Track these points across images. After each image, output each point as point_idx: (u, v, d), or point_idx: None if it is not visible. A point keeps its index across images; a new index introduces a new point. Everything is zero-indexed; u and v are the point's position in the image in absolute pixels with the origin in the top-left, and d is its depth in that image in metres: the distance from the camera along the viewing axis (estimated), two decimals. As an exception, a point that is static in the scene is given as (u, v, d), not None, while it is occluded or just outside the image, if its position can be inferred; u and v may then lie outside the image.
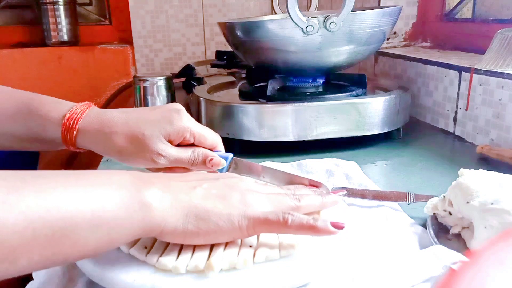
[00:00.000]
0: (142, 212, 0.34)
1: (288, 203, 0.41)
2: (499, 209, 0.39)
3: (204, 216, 0.37)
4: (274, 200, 0.41)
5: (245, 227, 0.37)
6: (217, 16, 1.58)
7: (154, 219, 0.35)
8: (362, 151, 0.73)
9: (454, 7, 1.03)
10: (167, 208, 0.36)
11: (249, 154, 0.71)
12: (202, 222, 0.37)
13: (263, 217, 0.37)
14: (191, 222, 0.36)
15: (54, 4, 1.51)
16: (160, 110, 0.51)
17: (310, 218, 0.37)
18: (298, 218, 0.37)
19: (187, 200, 0.37)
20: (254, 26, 0.74)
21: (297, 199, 0.42)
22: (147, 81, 0.78)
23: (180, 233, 0.36)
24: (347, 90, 0.77)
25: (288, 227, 0.37)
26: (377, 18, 0.72)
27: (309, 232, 0.37)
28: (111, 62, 1.58)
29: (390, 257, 0.41)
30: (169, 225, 0.36)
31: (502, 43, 0.70)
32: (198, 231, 0.37)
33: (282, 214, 0.37)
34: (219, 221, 0.37)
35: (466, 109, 0.76)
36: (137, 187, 0.35)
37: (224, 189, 0.40)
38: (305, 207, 0.42)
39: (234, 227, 0.37)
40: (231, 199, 0.38)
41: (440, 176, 0.62)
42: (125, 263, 0.38)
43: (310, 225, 0.37)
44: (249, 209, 0.38)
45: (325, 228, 0.37)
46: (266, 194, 0.41)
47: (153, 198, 0.35)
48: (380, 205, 0.52)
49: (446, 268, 0.37)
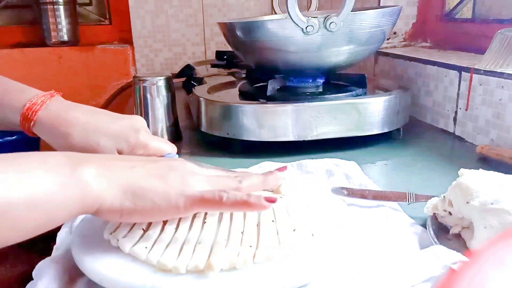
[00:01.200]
0: (79, 190, 0.35)
1: (229, 184, 0.42)
2: (499, 209, 0.39)
3: (141, 193, 0.37)
4: (215, 181, 0.41)
5: (182, 205, 0.38)
6: (217, 16, 1.58)
7: (91, 197, 0.36)
8: (362, 151, 0.73)
9: (454, 7, 1.03)
10: (103, 185, 0.36)
11: (249, 154, 0.71)
12: (139, 200, 0.37)
13: (199, 195, 0.38)
14: (128, 199, 0.37)
15: (54, 4, 1.51)
16: (121, 124, 0.53)
17: (244, 195, 0.38)
18: (233, 195, 0.38)
19: (124, 178, 0.37)
20: (254, 26, 0.74)
21: (239, 180, 0.42)
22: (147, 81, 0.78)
23: (116, 210, 0.37)
24: (347, 90, 0.77)
25: (223, 204, 0.38)
26: (377, 18, 0.72)
27: (243, 208, 0.39)
28: (111, 62, 1.58)
29: (390, 257, 0.41)
30: (106, 202, 0.36)
31: (502, 43, 0.70)
32: (135, 208, 0.37)
33: (217, 192, 0.38)
34: (155, 199, 0.37)
35: (466, 109, 0.76)
36: (73, 166, 0.36)
37: (164, 169, 0.40)
38: (246, 187, 0.42)
39: (171, 204, 0.38)
40: (170, 179, 0.39)
41: (440, 176, 0.62)
42: (125, 263, 0.38)
43: (244, 200, 0.38)
44: (186, 188, 0.38)
45: (258, 203, 0.38)
46: (207, 176, 0.41)
47: (89, 176, 0.36)
48: (380, 205, 0.52)
49: (446, 268, 0.37)
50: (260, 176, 0.45)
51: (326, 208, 0.47)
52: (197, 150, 0.78)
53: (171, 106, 0.80)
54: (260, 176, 0.45)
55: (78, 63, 1.56)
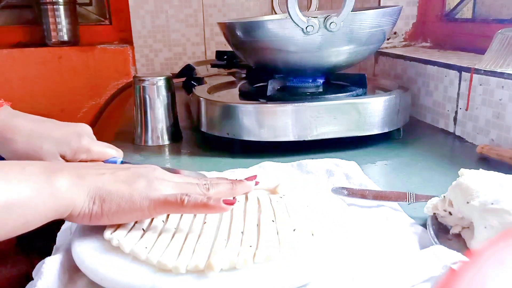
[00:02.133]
0: (53, 196, 0.38)
1: (196, 190, 0.43)
2: (499, 209, 0.39)
3: (107, 197, 0.40)
4: (181, 187, 0.43)
5: (146, 207, 0.40)
6: (217, 16, 1.58)
7: (64, 202, 0.39)
8: (362, 151, 0.73)
9: (454, 7, 1.03)
10: (75, 191, 0.39)
11: (249, 154, 0.71)
12: (105, 203, 0.40)
13: (162, 198, 0.40)
14: (96, 203, 0.40)
15: (54, 4, 1.51)
16: (66, 129, 0.55)
17: (204, 198, 0.40)
18: (194, 198, 0.40)
19: (93, 184, 0.40)
20: (254, 26, 0.74)
21: (206, 188, 0.44)
22: (147, 81, 0.78)
23: (86, 214, 0.40)
24: (347, 90, 0.77)
25: (184, 206, 0.40)
26: (377, 18, 0.72)
27: (203, 210, 0.41)
28: (111, 62, 1.58)
29: (390, 257, 0.41)
30: (76, 207, 0.39)
31: (502, 43, 0.70)
32: (102, 212, 0.40)
33: (180, 195, 0.40)
34: (121, 202, 0.40)
35: (466, 109, 0.76)
36: (48, 174, 0.39)
37: (132, 176, 0.42)
38: (212, 195, 0.44)
39: (136, 207, 0.40)
40: (137, 184, 0.41)
41: (440, 176, 0.62)
42: (125, 263, 0.38)
43: (204, 203, 0.40)
44: (151, 192, 0.41)
45: (217, 205, 0.40)
46: (174, 182, 0.43)
47: (62, 183, 0.39)
48: (380, 205, 0.52)
49: (446, 268, 0.37)
50: (229, 184, 0.46)
51: (326, 208, 0.47)
52: (197, 150, 0.78)
53: (171, 106, 0.80)
54: (229, 184, 0.47)
55: (78, 63, 1.56)
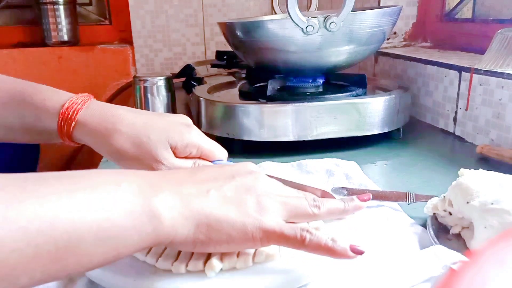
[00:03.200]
0: (151, 224, 0.32)
1: (307, 210, 0.39)
2: (499, 209, 0.39)
3: (217, 226, 0.34)
4: (292, 206, 0.38)
5: (259, 239, 0.35)
6: (217, 16, 1.58)
7: (164, 231, 0.33)
8: (362, 151, 0.73)
9: (454, 7, 1.03)
10: (177, 218, 0.33)
11: (249, 154, 0.71)
12: (214, 233, 0.34)
13: (279, 231, 0.35)
14: (202, 232, 0.34)
15: (54, 4, 1.51)
16: (169, 119, 0.49)
17: (329, 240, 0.35)
18: (316, 238, 0.35)
19: (199, 209, 0.34)
20: (254, 26, 0.74)
21: (317, 206, 0.39)
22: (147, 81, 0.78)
23: (190, 243, 0.34)
24: (347, 90, 0.77)
25: (305, 246, 0.35)
26: (377, 18, 0.72)
27: (326, 254, 0.35)
28: (111, 62, 1.58)
29: (390, 257, 0.41)
30: (179, 236, 0.34)
31: (502, 43, 0.70)
32: (209, 242, 0.34)
33: (300, 231, 0.35)
34: (232, 232, 0.35)
35: (466, 109, 0.76)
36: (146, 195, 0.33)
37: (239, 192, 0.37)
38: (324, 214, 0.40)
39: (248, 238, 0.35)
40: (246, 206, 0.36)
41: (440, 176, 0.62)
42: (125, 263, 0.38)
43: (328, 247, 0.35)
44: (264, 219, 0.35)
45: (344, 252, 0.35)
46: (284, 198, 0.38)
47: (163, 208, 0.33)
48: (380, 205, 0.52)
49: (446, 268, 0.37)
50: (340, 203, 0.42)
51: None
52: (197, 150, 0.78)
53: (171, 106, 0.80)
54: (339, 202, 0.42)
55: (78, 63, 1.56)
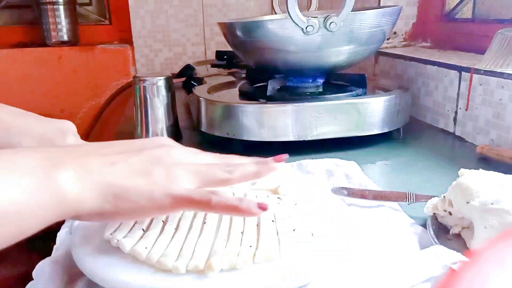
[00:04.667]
0: (54, 198, 0.32)
1: (218, 175, 0.39)
2: (499, 209, 0.39)
3: (124, 195, 0.35)
4: (203, 173, 0.39)
5: (168, 204, 0.36)
6: (217, 16, 1.58)
7: (68, 204, 0.33)
8: (362, 151, 0.73)
9: (454, 7, 1.03)
10: (81, 190, 0.33)
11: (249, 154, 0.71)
12: (121, 201, 0.35)
13: (186, 196, 0.36)
14: (109, 201, 0.34)
15: (54, 4, 1.51)
16: (49, 125, 0.50)
17: (235, 199, 0.36)
18: (223, 198, 0.36)
19: (104, 179, 0.34)
20: (254, 26, 0.74)
21: (229, 171, 0.39)
22: (147, 81, 0.78)
23: (96, 213, 0.34)
24: (347, 90, 0.77)
25: (212, 207, 0.36)
26: (377, 18, 0.72)
27: (233, 213, 0.37)
28: (111, 62, 1.58)
29: (390, 257, 0.41)
30: (84, 207, 0.34)
31: (502, 43, 0.70)
32: (117, 211, 0.35)
33: (207, 194, 0.36)
34: (140, 200, 0.35)
35: (466, 109, 0.76)
36: (46, 171, 0.32)
37: (147, 163, 0.37)
38: (237, 179, 0.40)
39: (156, 205, 0.36)
40: (155, 175, 0.36)
41: (440, 176, 0.62)
42: (125, 263, 0.38)
43: (234, 206, 0.36)
44: (172, 186, 0.36)
45: (248, 209, 0.36)
46: (195, 166, 0.39)
47: (66, 181, 0.32)
48: (380, 205, 0.52)
49: (446, 268, 0.37)
50: (253, 166, 0.41)
51: (326, 208, 0.47)
52: (197, 150, 0.78)
53: (171, 106, 0.80)
54: (253, 165, 0.41)
55: (78, 63, 1.56)
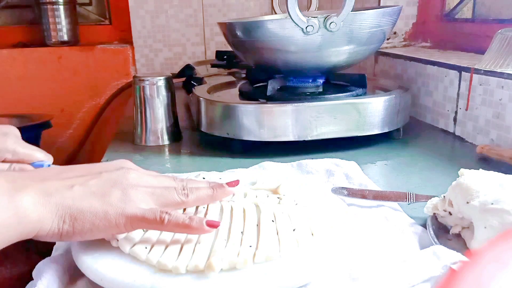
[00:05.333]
0: (17, 218, 0.34)
1: (174, 198, 0.42)
2: (499, 209, 0.39)
3: (79, 216, 0.37)
4: (159, 196, 0.41)
5: (123, 224, 0.38)
6: (217, 16, 1.58)
7: (29, 224, 0.35)
8: (362, 151, 0.73)
9: (454, 7, 1.03)
10: (41, 212, 0.36)
11: (249, 154, 0.71)
12: (77, 222, 0.37)
13: (140, 215, 0.38)
14: (66, 222, 0.37)
15: (54, 4, 1.51)
16: None
17: (186, 218, 0.39)
18: (174, 217, 0.38)
19: (61, 202, 0.37)
20: (254, 26, 0.74)
21: (185, 194, 0.42)
22: (147, 81, 0.78)
23: (55, 234, 0.37)
24: (347, 90, 0.77)
25: (165, 226, 0.38)
26: (377, 18, 0.72)
27: (184, 231, 0.39)
28: (111, 62, 1.58)
29: (390, 257, 0.41)
30: (44, 227, 0.36)
31: (502, 43, 0.70)
32: (74, 231, 0.37)
33: (159, 213, 0.38)
34: (95, 220, 0.37)
35: (466, 109, 0.76)
36: (10, 193, 0.35)
37: (104, 185, 0.39)
38: (192, 201, 0.43)
39: (111, 225, 0.37)
40: (111, 197, 0.38)
41: (440, 176, 0.62)
42: (125, 263, 0.38)
43: (185, 224, 0.38)
44: (127, 206, 0.38)
45: (200, 227, 0.39)
46: (151, 188, 0.41)
47: (27, 203, 0.35)
48: (380, 205, 0.52)
49: (446, 268, 0.37)
50: (208, 190, 0.44)
51: (326, 208, 0.47)
52: (197, 150, 0.78)
53: (171, 106, 0.80)
54: (208, 189, 0.44)
55: (78, 63, 1.56)
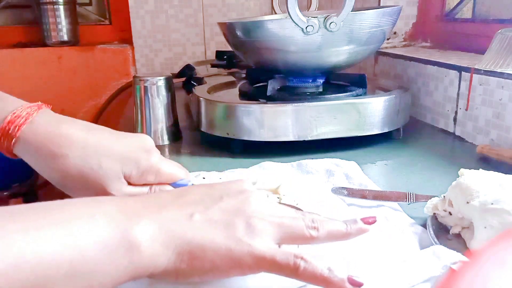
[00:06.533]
0: (129, 256, 0.30)
1: (303, 232, 0.35)
2: (499, 209, 0.39)
3: (199, 253, 0.31)
4: (287, 228, 0.34)
5: (248, 266, 0.32)
6: (217, 16, 1.58)
7: (142, 262, 0.30)
8: (362, 151, 0.73)
9: (454, 7, 1.03)
10: (156, 248, 0.31)
11: (249, 154, 0.71)
12: (197, 261, 0.31)
13: (270, 258, 0.32)
14: (184, 260, 0.31)
15: (54, 4, 1.51)
16: (128, 143, 0.44)
17: (325, 269, 0.32)
18: (311, 266, 0.32)
19: (180, 235, 0.32)
20: (254, 26, 0.74)
21: (315, 227, 0.35)
22: (147, 81, 0.78)
23: (171, 273, 0.32)
24: (347, 90, 0.77)
25: (298, 275, 0.32)
26: (377, 18, 0.72)
27: (321, 284, 0.32)
28: (111, 62, 1.58)
29: (390, 257, 0.41)
30: (159, 266, 0.31)
31: (502, 43, 0.70)
32: (192, 271, 0.32)
33: (293, 258, 0.32)
34: (216, 259, 0.32)
35: (466, 109, 0.76)
36: (123, 225, 0.30)
37: (227, 214, 0.34)
38: (323, 237, 0.35)
39: (234, 265, 0.32)
40: (234, 229, 0.33)
41: (440, 176, 0.62)
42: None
43: (324, 278, 0.32)
44: (254, 244, 0.32)
45: (341, 284, 0.32)
46: (279, 218, 0.35)
47: (141, 237, 0.31)
48: (380, 205, 0.52)
49: (446, 268, 0.37)
50: (342, 225, 0.36)
51: (326, 208, 0.47)
52: (197, 150, 0.78)
53: (171, 106, 0.80)
54: (341, 224, 0.36)
55: (78, 63, 1.56)
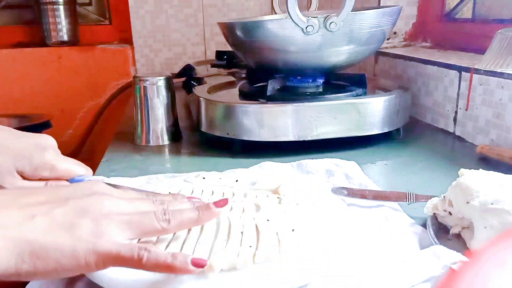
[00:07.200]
0: None
1: (154, 225, 0.36)
2: (499, 209, 0.39)
3: (41, 253, 0.31)
4: (137, 224, 0.36)
5: (94, 263, 0.32)
6: (217, 16, 1.58)
7: None
8: (362, 151, 0.73)
9: (454, 7, 1.03)
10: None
11: (249, 154, 0.71)
12: (39, 261, 0.31)
13: (115, 253, 0.33)
14: (26, 261, 0.31)
15: (54, 4, 1.51)
16: (26, 140, 0.47)
17: (169, 256, 0.33)
18: (155, 255, 0.33)
19: (20, 236, 0.31)
20: (254, 26, 0.74)
21: (166, 219, 0.36)
22: (147, 81, 0.78)
23: (13, 273, 0.31)
24: (347, 90, 0.77)
25: (143, 265, 0.33)
26: (377, 18, 0.72)
27: (166, 271, 0.34)
28: (111, 62, 1.58)
29: (390, 257, 0.41)
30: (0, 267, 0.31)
31: (502, 43, 0.70)
32: (35, 271, 0.31)
33: (137, 250, 0.33)
34: (60, 259, 0.32)
35: (466, 109, 0.76)
36: None
37: (73, 215, 0.34)
38: (175, 227, 0.37)
39: (80, 264, 0.32)
40: (80, 229, 0.33)
41: (440, 176, 0.62)
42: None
43: (167, 264, 0.33)
44: (99, 242, 0.33)
45: (184, 267, 0.33)
46: (127, 216, 0.36)
47: None
48: (380, 205, 0.52)
49: (446, 268, 0.37)
50: (193, 213, 0.38)
51: (326, 208, 0.47)
52: (197, 150, 0.78)
53: (171, 106, 0.80)
54: (192, 212, 0.39)
55: (78, 63, 1.56)
